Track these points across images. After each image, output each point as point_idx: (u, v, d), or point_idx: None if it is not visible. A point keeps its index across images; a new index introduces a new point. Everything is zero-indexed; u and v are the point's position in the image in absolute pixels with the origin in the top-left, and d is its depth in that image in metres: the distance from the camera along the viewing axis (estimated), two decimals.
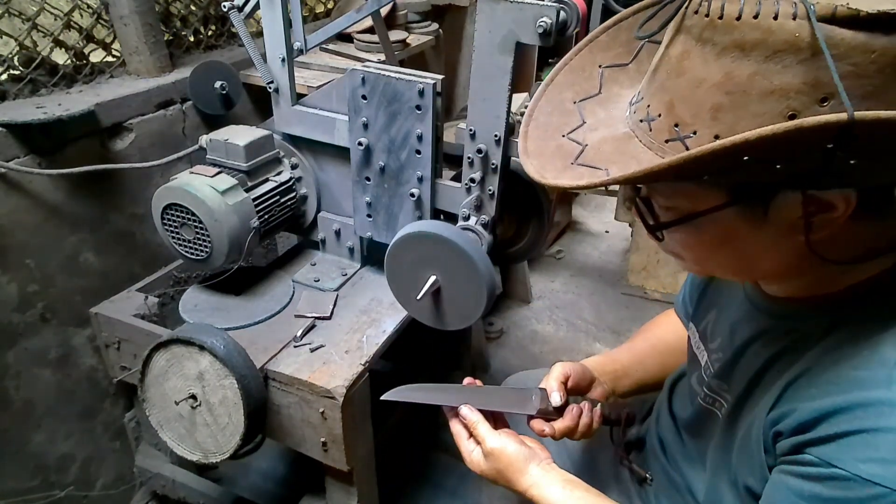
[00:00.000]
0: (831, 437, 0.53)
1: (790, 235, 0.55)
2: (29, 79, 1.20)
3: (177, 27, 1.51)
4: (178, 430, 1.04)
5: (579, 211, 2.88)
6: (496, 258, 1.21)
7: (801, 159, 0.46)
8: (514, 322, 2.17)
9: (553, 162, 0.62)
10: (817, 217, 0.53)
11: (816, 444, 0.54)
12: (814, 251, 0.54)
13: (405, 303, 1.06)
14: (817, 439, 0.54)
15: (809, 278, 0.62)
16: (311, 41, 1.24)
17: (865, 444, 0.51)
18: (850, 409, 0.52)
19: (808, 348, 0.59)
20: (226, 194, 1.06)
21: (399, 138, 1.08)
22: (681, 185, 0.58)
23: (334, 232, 1.29)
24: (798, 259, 0.58)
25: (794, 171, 0.48)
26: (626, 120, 0.61)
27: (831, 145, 0.44)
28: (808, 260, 0.57)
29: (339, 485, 1.13)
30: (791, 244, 0.56)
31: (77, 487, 1.33)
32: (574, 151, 0.61)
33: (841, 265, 0.57)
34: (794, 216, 0.54)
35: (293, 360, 1.04)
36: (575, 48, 0.71)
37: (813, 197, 0.52)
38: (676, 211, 0.59)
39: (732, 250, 0.60)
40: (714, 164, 0.48)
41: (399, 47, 1.80)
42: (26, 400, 1.20)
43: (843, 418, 0.53)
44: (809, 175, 0.48)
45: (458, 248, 0.92)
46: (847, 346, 0.56)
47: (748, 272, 0.65)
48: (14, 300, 1.14)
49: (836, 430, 0.53)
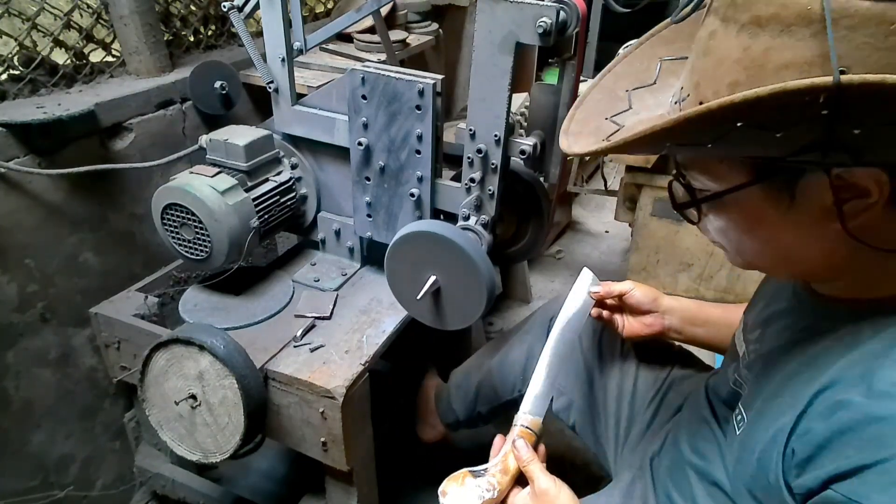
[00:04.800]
0: (856, 470, 0.49)
1: (824, 223, 0.53)
2: (29, 79, 1.20)
3: (177, 27, 1.51)
4: (178, 430, 1.04)
5: (579, 211, 2.88)
6: (496, 258, 1.21)
7: (799, 128, 0.45)
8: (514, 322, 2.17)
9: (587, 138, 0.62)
10: (851, 202, 0.51)
11: (841, 479, 0.50)
12: (854, 237, 0.52)
13: (405, 303, 1.06)
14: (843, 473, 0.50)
15: (858, 278, 0.59)
16: (311, 41, 1.24)
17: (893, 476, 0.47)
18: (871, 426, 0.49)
19: (841, 355, 0.55)
20: (226, 194, 1.06)
21: (399, 138, 1.08)
22: (707, 163, 0.57)
23: (334, 232, 1.29)
24: (839, 249, 0.55)
25: (797, 142, 0.47)
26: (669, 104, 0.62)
27: (826, 112, 0.42)
28: (852, 252, 0.55)
29: (339, 485, 1.13)
30: (827, 233, 0.54)
31: (77, 487, 1.33)
32: (609, 131, 0.61)
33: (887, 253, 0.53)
34: (824, 201, 0.52)
35: (293, 360, 1.04)
36: (637, 41, 0.73)
37: (840, 179, 0.50)
38: (705, 193, 0.59)
39: (765, 237, 0.59)
40: (706, 128, 0.48)
41: (399, 47, 1.80)
42: (26, 400, 1.20)
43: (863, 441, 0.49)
44: (816, 147, 0.46)
45: (458, 248, 0.92)
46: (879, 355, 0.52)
47: (789, 264, 0.62)
48: (14, 300, 1.14)
49: (861, 461, 0.49)
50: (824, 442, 0.52)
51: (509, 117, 1.00)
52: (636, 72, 0.70)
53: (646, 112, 0.64)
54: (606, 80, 0.71)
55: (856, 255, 0.55)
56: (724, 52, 0.51)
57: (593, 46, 2.77)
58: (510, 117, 1.00)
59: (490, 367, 1.23)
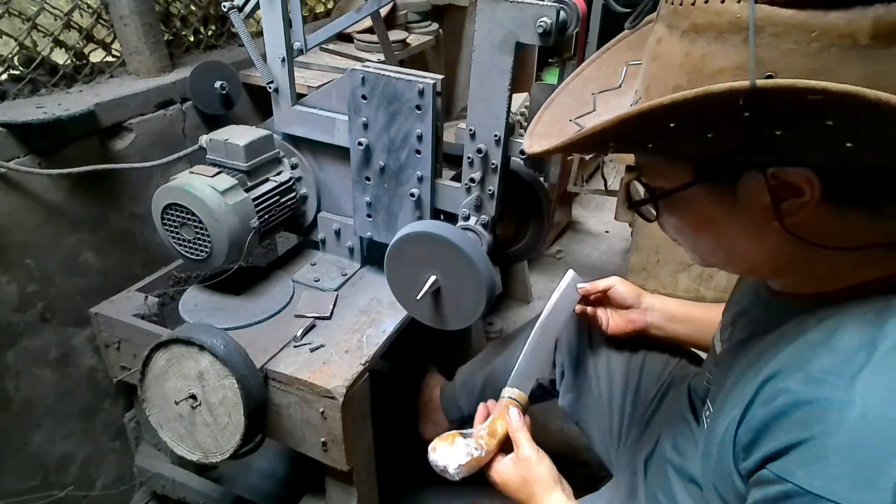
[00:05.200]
0: (785, 449, 0.52)
1: (765, 221, 0.56)
2: (29, 79, 1.20)
3: (177, 27, 1.51)
4: (178, 430, 1.04)
5: (579, 211, 2.88)
6: (496, 258, 1.21)
7: (726, 129, 0.48)
8: (514, 322, 2.17)
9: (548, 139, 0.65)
10: (788, 201, 0.54)
11: (773, 459, 0.53)
12: (793, 234, 0.55)
13: (405, 303, 1.06)
14: (775, 452, 0.53)
15: (805, 274, 0.61)
16: (311, 41, 1.24)
17: (813, 454, 0.50)
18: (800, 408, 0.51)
19: (785, 347, 0.58)
20: (226, 194, 1.06)
21: (399, 138, 1.08)
22: (656, 164, 0.61)
23: (334, 232, 1.29)
24: (782, 246, 0.58)
25: (727, 142, 0.50)
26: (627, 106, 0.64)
27: (748, 114, 0.45)
28: (794, 249, 0.57)
29: (339, 485, 1.13)
30: (769, 231, 0.57)
31: (77, 487, 1.33)
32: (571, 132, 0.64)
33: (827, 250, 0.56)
34: (763, 200, 0.54)
35: (293, 360, 1.04)
36: (605, 46, 0.76)
37: (776, 178, 0.53)
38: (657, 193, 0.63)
39: (713, 235, 0.62)
40: (644, 129, 0.51)
41: (399, 47, 1.80)
42: (26, 400, 1.20)
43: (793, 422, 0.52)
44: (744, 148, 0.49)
45: (458, 248, 0.92)
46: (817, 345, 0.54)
47: (738, 261, 0.65)
48: (14, 300, 1.14)
49: (789, 440, 0.52)
50: (762, 426, 0.55)
51: (509, 117, 1.00)
52: (603, 76, 0.73)
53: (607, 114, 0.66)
54: (574, 84, 0.74)
55: (798, 251, 0.57)
56: (669, 58, 0.55)
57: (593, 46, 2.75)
58: (510, 117, 1.00)
59: (496, 364, 1.24)
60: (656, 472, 0.86)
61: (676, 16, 0.53)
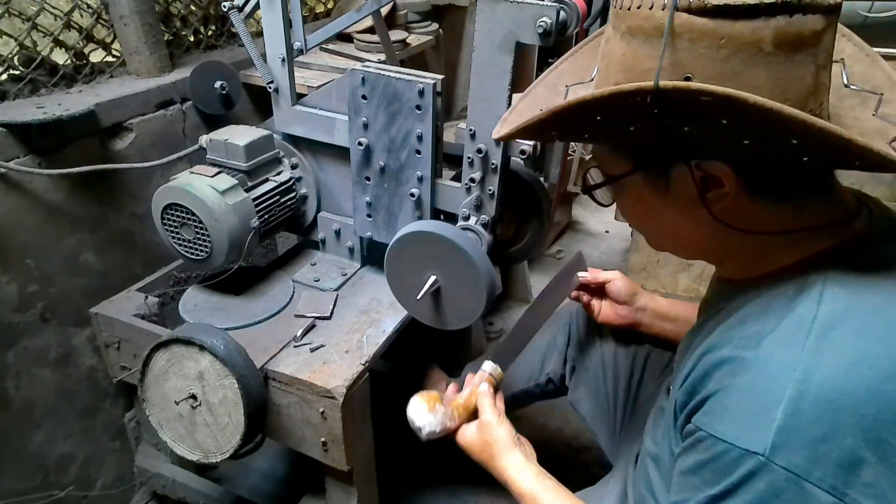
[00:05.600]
0: (703, 400, 0.58)
1: (695, 209, 0.61)
2: (29, 79, 1.20)
3: (177, 27, 1.51)
4: (178, 429, 1.04)
5: (579, 211, 2.88)
6: (496, 258, 1.21)
7: (644, 123, 0.54)
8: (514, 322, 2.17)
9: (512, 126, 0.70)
10: (712, 192, 0.59)
11: (695, 412, 0.59)
12: (720, 220, 0.60)
13: (405, 303, 1.06)
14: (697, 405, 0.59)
15: (743, 259, 0.66)
16: (311, 41, 1.24)
17: (720, 403, 0.56)
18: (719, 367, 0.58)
19: (722, 323, 0.63)
20: (226, 194, 1.06)
21: (399, 138, 1.08)
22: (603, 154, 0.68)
23: (334, 232, 1.29)
24: (714, 232, 0.63)
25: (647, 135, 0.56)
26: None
27: (657, 111, 0.51)
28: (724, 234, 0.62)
29: (339, 485, 1.13)
30: (700, 218, 0.61)
31: (77, 487, 1.33)
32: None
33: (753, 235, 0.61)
34: (691, 189, 0.59)
35: (293, 360, 1.04)
36: (582, 42, 0.80)
37: (700, 169, 0.58)
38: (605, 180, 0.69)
39: (655, 221, 0.69)
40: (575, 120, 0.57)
41: (399, 47, 1.80)
42: (26, 400, 1.20)
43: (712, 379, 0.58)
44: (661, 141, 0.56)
45: (458, 248, 0.92)
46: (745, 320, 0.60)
47: (681, 247, 0.71)
48: (14, 300, 1.14)
49: (707, 393, 0.58)
50: (691, 388, 0.61)
51: None
52: (578, 69, 0.78)
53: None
54: (551, 77, 0.79)
55: (728, 237, 0.63)
56: (612, 57, 0.61)
57: None
58: None
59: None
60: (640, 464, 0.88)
61: (618, 18, 0.59)
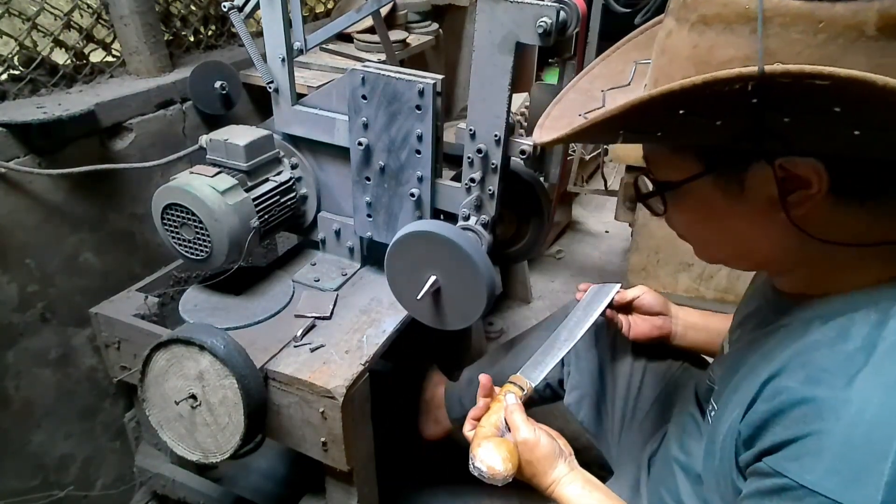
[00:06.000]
0: (781, 444, 0.53)
1: (771, 213, 0.56)
2: (29, 79, 1.20)
3: (177, 27, 1.51)
4: (178, 430, 1.04)
5: (579, 211, 2.88)
6: (496, 258, 1.21)
7: (734, 116, 0.49)
8: (514, 322, 2.17)
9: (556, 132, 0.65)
10: (795, 193, 0.54)
11: (770, 453, 0.54)
12: (799, 227, 0.55)
13: (405, 303, 1.06)
14: (772, 447, 0.54)
15: (810, 271, 0.61)
16: (311, 41, 1.24)
17: (808, 449, 0.50)
18: (799, 406, 0.52)
19: (788, 346, 0.58)
20: (226, 194, 1.06)
21: (399, 138, 1.08)
22: (666, 155, 0.62)
23: (334, 232, 1.29)
24: (787, 240, 0.58)
25: (734, 130, 0.50)
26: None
27: (756, 100, 0.46)
28: (800, 243, 0.57)
29: (339, 485, 1.13)
30: (775, 223, 0.57)
31: (77, 487, 1.33)
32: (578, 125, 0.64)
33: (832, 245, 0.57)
34: (770, 192, 0.55)
35: (293, 360, 1.04)
36: (614, 46, 0.77)
37: (783, 169, 0.53)
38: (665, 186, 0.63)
39: (720, 228, 0.63)
40: (653, 116, 0.51)
41: (399, 47, 1.80)
42: (26, 400, 1.20)
43: (791, 419, 0.53)
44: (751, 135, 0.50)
45: (458, 248, 0.92)
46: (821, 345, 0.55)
47: (744, 256, 0.66)
48: (14, 300, 1.14)
49: (786, 436, 0.52)
50: (762, 422, 0.56)
51: (509, 117, 1.00)
52: (612, 73, 0.74)
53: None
54: (583, 82, 0.76)
55: (803, 246, 0.58)
56: (677, 50, 0.56)
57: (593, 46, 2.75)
58: (510, 117, 1.00)
59: (504, 363, 1.25)
60: (661, 469, 0.87)
61: (685, 9, 0.54)
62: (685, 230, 0.68)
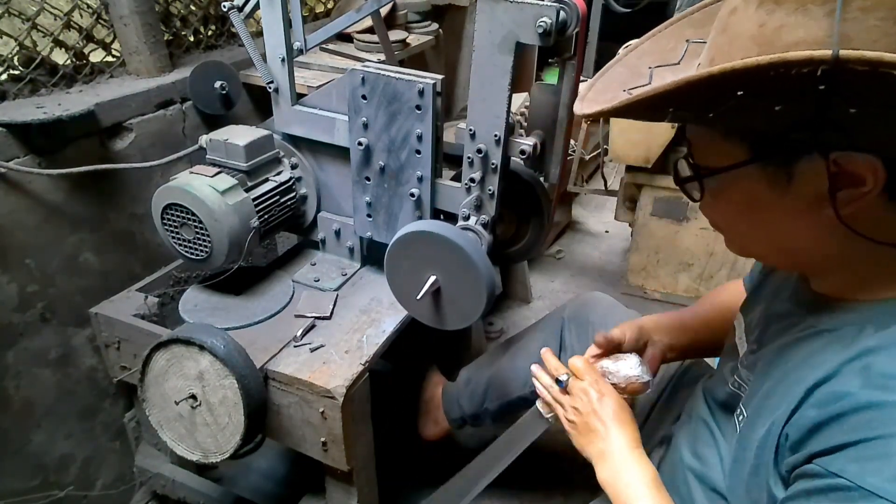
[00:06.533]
0: (839, 447, 0.51)
1: (818, 209, 0.54)
2: (29, 79, 1.20)
3: (177, 27, 1.51)
4: (178, 429, 1.04)
5: (579, 211, 2.88)
6: (496, 258, 1.21)
7: (796, 101, 0.46)
8: (514, 322, 2.17)
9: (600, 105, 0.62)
10: (846, 190, 0.51)
11: (824, 455, 0.52)
12: (847, 225, 0.53)
13: (405, 303, 1.06)
14: (827, 449, 0.52)
15: (853, 272, 0.59)
16: (311, 41, 1.24)
17: (874, 452, 0.49)
18: (862, 411, 0.50)
19: (838, 352, 0.56)
20: (226, 194, 1.06)
21: (399, 138, 1.08)
22: (711, 139, 0.58)
23: (334, 232, 1.29)
24: (832, 238, 0.56)
25: (794, 117, 0.47)
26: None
27: (823, 87, 0.43)
28: (844, 242, 0.55)
29: (339, 485, 1.13)
30: (821, 220, 0.54)
31: (77, 487, 1.33)
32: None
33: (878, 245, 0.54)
34: (820, 186, 0.52)
35: (293, 360, 1.04)
36: (667, 21, 0.73)
37: (837, 165, 0.50)
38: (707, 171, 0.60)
39: (761, 221, 0.60)
40: (708, 94, 0.48)
41: (399, 47, 1.80)
42: (26, 400, 1.20)
43: (853, 423, 0.51)
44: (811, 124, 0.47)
45: (458, 248, 0.92)
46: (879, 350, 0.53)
47: (782, 252, 0.63)
48: (14, 300, 1.14)
49: (847, 439, 0.51)
50: (815, 426, 0.54)
51: (509, 117, 1.00)
52: (662, 50, 0.70)
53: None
54: (631, 57, 0.71)
55: (848, 246, 0.56)
56: (741, 29, 0.52)
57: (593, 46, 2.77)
58: (510, 117, 1.00)
59: (501, 363, 1.24)
60: (671, 477, 0.84)
61: None
62: (721, 220, 0.65)
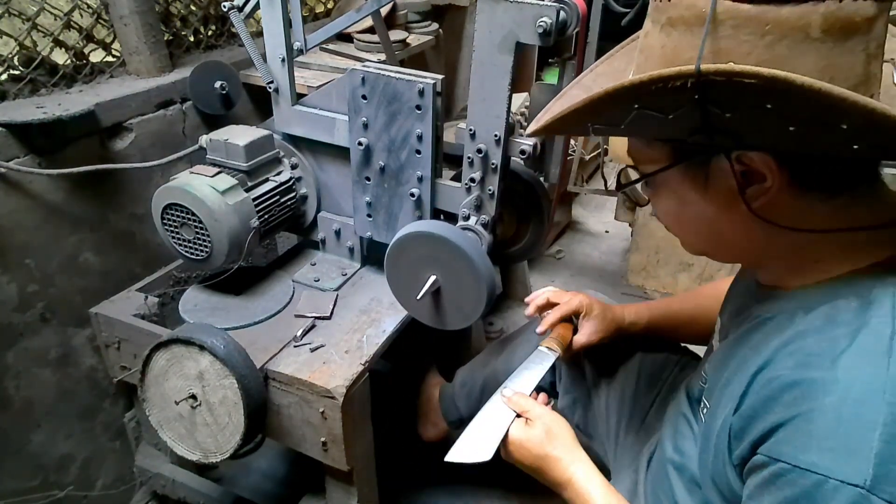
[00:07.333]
0: (773, 429, 0.53)
1: (735, 205, 0.59)
2: (29, 79, 1.20)
3: (177, 27, 1.51)
4: (178, 429, 1.04)
5: (579, 211, 2.88)
6: (496, 258, 1.21)
7: (684, 111, 0.52)
8: (514, 322, 2.16)
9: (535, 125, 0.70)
10: (752, 187, 0.57)
11: (764, 441, 0.55)
12: (761, 217, 0.58)
13: (405, 303, 1.06)
14: (765, 434, 0.54)
15: (788, 261, 0.63)
16: (311, 41, 1.25)
17: (802, 429, 0.51)
18: (788, 391, 0.53)
19: (775, 338, 0.59)
20: (226, 194, 1.06)
21: (399, 138, 1.08)
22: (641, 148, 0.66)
23: (334, 232, 1.29)
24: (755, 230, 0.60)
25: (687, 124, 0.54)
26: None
27: (697, 96, 0.49)
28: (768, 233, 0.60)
29: (339, 485, 1.13)
30: (740, 214, 0.59)
31: (77, 487, 1.33)
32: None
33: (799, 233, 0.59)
34: (730, 184, 0.58)
35: (293, 359, 1.04)
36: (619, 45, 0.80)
37: (740, 163, 0.56)
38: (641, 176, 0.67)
39: (693, 219, 0.65)
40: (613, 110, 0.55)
41: (399, 47, 1.80)
42: (26, 400, 1.20)
43: (781, 404, 0.53)
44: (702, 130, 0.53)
45: (458, 248, 0.92)
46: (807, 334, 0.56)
47: (722, 248, 0.68)
48: (14, 300, 1.14)
49: (777, 420, 0.53)
50: (753, 412, 0.57)
51: (509, 117, 1.00)
52: (614, 71, 0.77)
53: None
54: (586, 79, 0.78)
55: (773, 236, 0.60)
56: (652, 50, 0.60)
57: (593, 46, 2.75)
58: (510, 117, 1.00)
59: (496, 365, 1.24)
60: (657, 472, 0.86)
61: (657, 11, 0.58)
62: (665, 220, 0.71)
